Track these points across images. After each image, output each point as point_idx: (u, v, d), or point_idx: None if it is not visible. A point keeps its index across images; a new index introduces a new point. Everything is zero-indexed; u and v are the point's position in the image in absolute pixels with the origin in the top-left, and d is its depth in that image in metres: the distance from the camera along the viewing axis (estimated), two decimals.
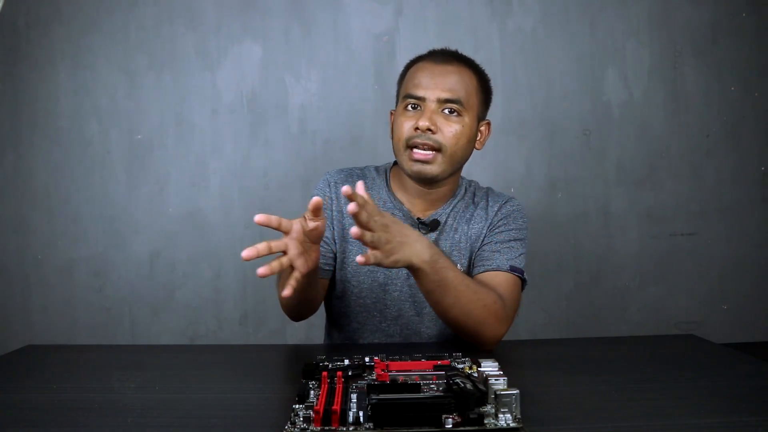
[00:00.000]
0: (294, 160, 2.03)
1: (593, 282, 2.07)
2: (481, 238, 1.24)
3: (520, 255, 1.20)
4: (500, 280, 1.16)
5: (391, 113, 1.28)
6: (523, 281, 1.20)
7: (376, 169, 1.32)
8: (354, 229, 0.88)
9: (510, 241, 1.21)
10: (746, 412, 0.76)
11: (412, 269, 0.99)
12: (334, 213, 1.26)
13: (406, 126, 1.18)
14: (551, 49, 2.05)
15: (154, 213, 2.02)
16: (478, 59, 2.13)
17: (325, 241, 1.26)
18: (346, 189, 0.88)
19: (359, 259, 0.90)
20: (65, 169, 2.01)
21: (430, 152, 1.17)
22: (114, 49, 2.01)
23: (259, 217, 0.92)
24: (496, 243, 1.21)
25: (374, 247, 0.92)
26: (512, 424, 0.70)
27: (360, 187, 0.94)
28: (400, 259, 0.95)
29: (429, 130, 1.16)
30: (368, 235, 0.90)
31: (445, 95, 1.18)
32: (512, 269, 1.17)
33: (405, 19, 2.03)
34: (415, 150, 1.17)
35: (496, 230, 1.23)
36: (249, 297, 2.03)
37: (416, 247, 0.97)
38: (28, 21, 1.99)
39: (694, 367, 0.99)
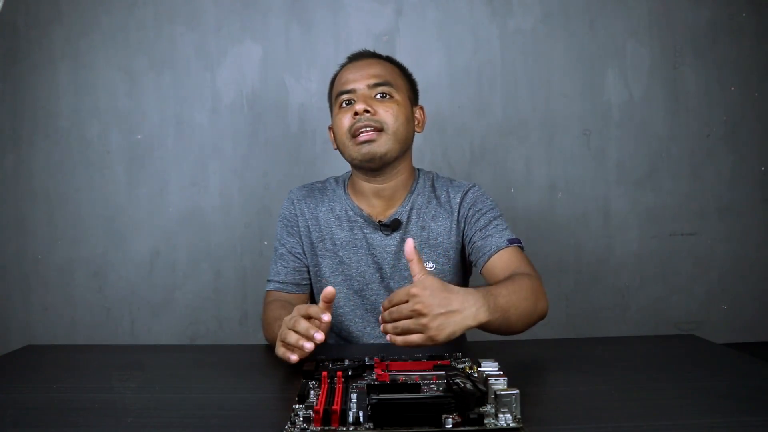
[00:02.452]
0: (294, 160, 2.03)
1: (593, 282, 2.06)
2: (455, 232, 1.26)
3: (506, 228, 1.24)
4: (509, 256, 1.19)
5: (330, 128, 1.32)
6: (521, 248, 1.24)
7: (336, 180, 1.36)
8: (391, 338, 0.89)
9: (491, 221, 1.24)
10: (746, 412, 0.76)
11: (479, 327, 0.96)
12: (301, 228, 1.30)
13: (346, 119, 1.22)
14: (551, 49, 2.05)
15: (154, 213, 2.02)
16: (478, 59, 2.14)
17: (296, 256, 1.30)
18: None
19: (397, 340, 0.89)
20: (65, 169, 2.01)
21: (374, 132, 1.19)
22: (114, 49, 2.01)
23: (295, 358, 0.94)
24: (481, 230, 1.23)
25: (415, 332, 0.89)
26: (512, 424, 0.70)
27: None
28: (455, 331, 0.90)
29: (366, 111, 1.19)
30: (390, 327, 0.90)
31: (373, 80, 1.23)
32: (510, 242, 1.20)
33: (405, 19, 2.03)
34: (358, 136, 1.20)
35: (472, 220, 1.25)
36: (249, 297, 2.03)
37: (470, 310, 0.92)
38: (28, 21, 1.99)
39: (694, 367, 0.99)
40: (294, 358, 0.90)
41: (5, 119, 2.00)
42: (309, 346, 0.89)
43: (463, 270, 1.31)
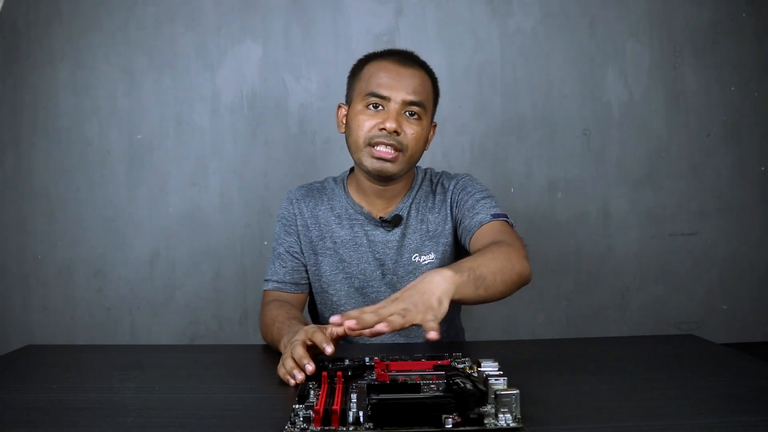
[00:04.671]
0: (294, 160, 2.03)
1: (593, 282, 2.06)
2: (450, 218, 1.27)
3: (495, 206, 1.22)
4: (490, 229, 1.17)
5: (340, 106, 1.29)
6: (511, 224, 1.20)
7: (334, 179, 1.35)
8: (369, 331, 0.81)
9: (480, 201, 1.23)
10: (746, 412, 0.76)
11: (455, 298, 0.92)
12: (300, 227, 1.30)
13: (368, 124, 1.19)
14: (551, 49, 2.05)
15: (154, 213, 2.02)
16: (478, 59, 2.14)
17: (294, 256, 1.29)
18: (335, 319, 0.83)
19: (382, 327, 0.81)
20: (65, 169, 2.01)
21: (393, 152, 1.19)
22: (114, 49, 2.01)
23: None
24: (468, 209, 1.23)
25: (402, 318, 0.83)
26: (512, 424, 0.70)
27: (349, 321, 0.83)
28: (432, 302, 0.86)
29: (395, 132, 1.17)
30: (384, 325, 0.82)
31: (410, 97, 1.19)
32: (494, 216, 1.19)
33: (405, 19, 2.03)
34: (377, 148, 1.18)
35: (461, 201, 1.26)
36: (249, 297, 2.03)
37: (436, 281, 0.90)
38: (28, 21, 1.99)
39: (694, 367, 0.99)
40: (292, 382, 0.90)
41: (5, 119, 2.00)
42: (300, 377, 0.89)
43: (459, 257, 1.31)
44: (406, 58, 1.24)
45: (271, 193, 2.03)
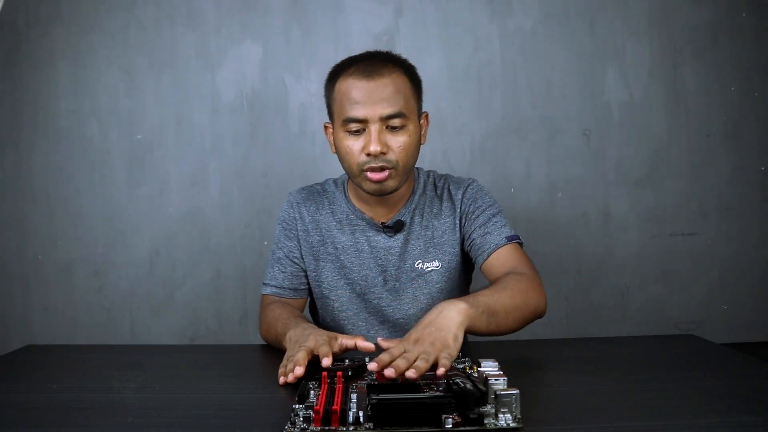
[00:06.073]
0: (294, 160, 2.03)
1: (593, 282, 2.06)
2: (458, 228, 1.26)
3: (505, 225, 1.24)
4: (506, 255, 1.19)
5: (326, 126, 1.27)
6: (521, 243, 1.24)
7: (335, 182, 1.34)
8: (389, 372, 0.83)
9: (491, 218, 1.24)
10: (746, 412, 0.76)
11: (468, 330, 0.97)
12: (300, 232, 1.29)
13: (355, 150, 1.17)
14: (551, 49, 2.05)
15: (154, 213, 2.02)
16: (478, 59, 2.14)
17: (294, 261, 1.28)
18: (372, 367, 0.85)
19: (411, 375, 0.82)
20: (65, 169, 2.01)
21: (385, 171, 1.16)
22: (114, 49, 2.01)
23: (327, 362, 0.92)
24: (480, 227, 1.23)
25: (426, 362, 0.85)
26: (512, 424, 0.70)
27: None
28: (449, 341, 0.90)
29: (381, 153, 1.15)
30: (413, 372, 0.82)
31: (387, 111, 1.15)
32: (509, 239, 1.21)
33: (405, 19, 2.03)
34: (369, 173, 1.17)
35: (472, 216, 1.25)
36: (249, 297, 2.03)
37: (451, 316, 0.94)
38: (28, 21, 1.99)
39: (694, 367, 0.99)
40: (282, 380, 0.90)
41: (5, 119, 2.00)
42: (291, 379, 0.89)
43: (466, 266, 1.31)
44: (372, 67, 1.17)
45: (271, 193, 2.03)
